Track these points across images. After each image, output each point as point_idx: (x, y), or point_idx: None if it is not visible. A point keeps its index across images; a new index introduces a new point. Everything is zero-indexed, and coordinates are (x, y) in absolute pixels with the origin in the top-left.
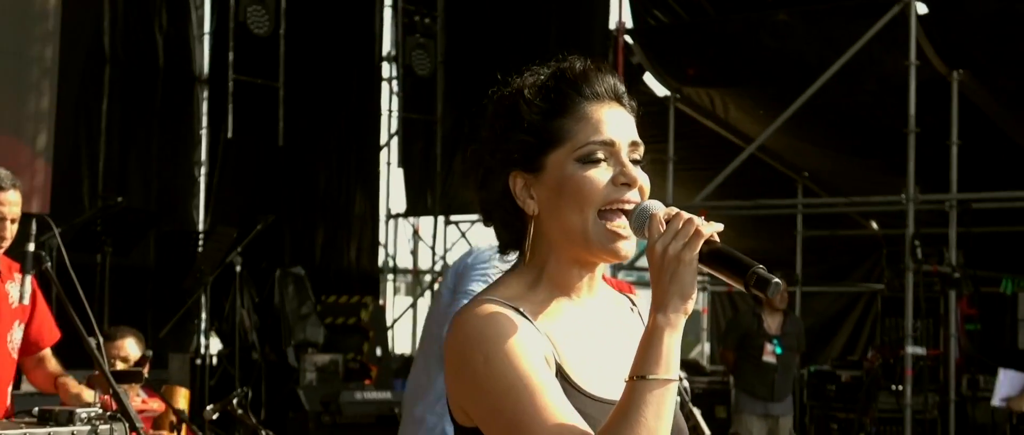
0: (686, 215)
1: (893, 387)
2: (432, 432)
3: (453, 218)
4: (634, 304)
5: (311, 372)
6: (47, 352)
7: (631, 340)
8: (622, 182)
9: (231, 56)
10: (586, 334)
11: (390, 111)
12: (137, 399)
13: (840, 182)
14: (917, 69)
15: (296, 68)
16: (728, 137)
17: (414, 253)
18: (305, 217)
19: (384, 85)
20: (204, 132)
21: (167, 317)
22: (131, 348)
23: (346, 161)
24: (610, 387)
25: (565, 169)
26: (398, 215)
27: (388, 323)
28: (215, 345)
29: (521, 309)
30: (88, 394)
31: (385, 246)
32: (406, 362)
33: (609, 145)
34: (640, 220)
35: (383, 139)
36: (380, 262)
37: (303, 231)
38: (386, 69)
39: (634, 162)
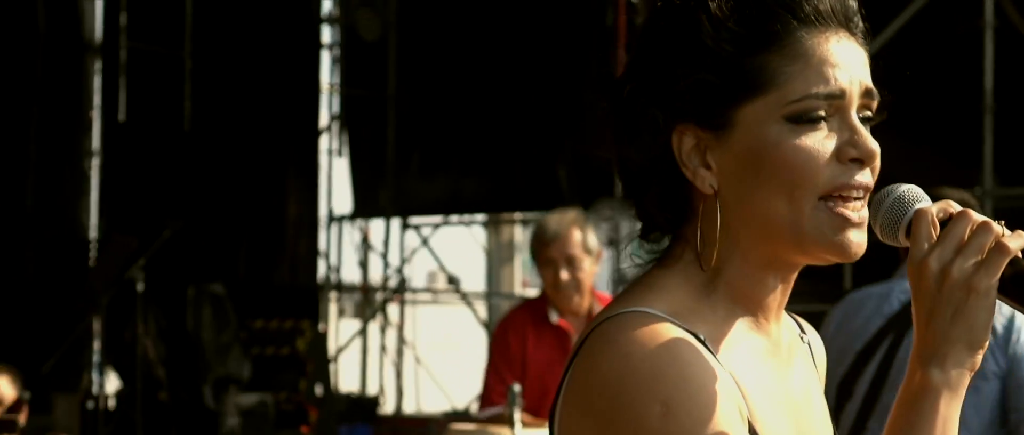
0: (976, 217)
1: None
2: None
3: (412, 221)
4: (803, 330)
5: (233, 417)
6: None
7: (809, 383)
8: (852, 156)
9: (124, 18)
10: (773, 375)
11: (331, 86)
12: None
13: (898, 172)
14: (994, 31)
15: (207, 33)
16: None
17: (363, 265)
18: (225, 222)
19: (323, 54)
20: (97, 113)
21: (51, 349)
22: (4, 389)
23: (275, 150)
24: None
25: (766, 130)
26: (342, 217)
27: (331, 353)
28: (112, 383)
29: (700, 335)
30: None
31: (326, 257)
32: (353, 402)
33: (835, 96)
34: (894, 215)
35: (322, 122)
36: (320, 277)
37: (222, 239)
38: (325, 33)
39: (864, 121)
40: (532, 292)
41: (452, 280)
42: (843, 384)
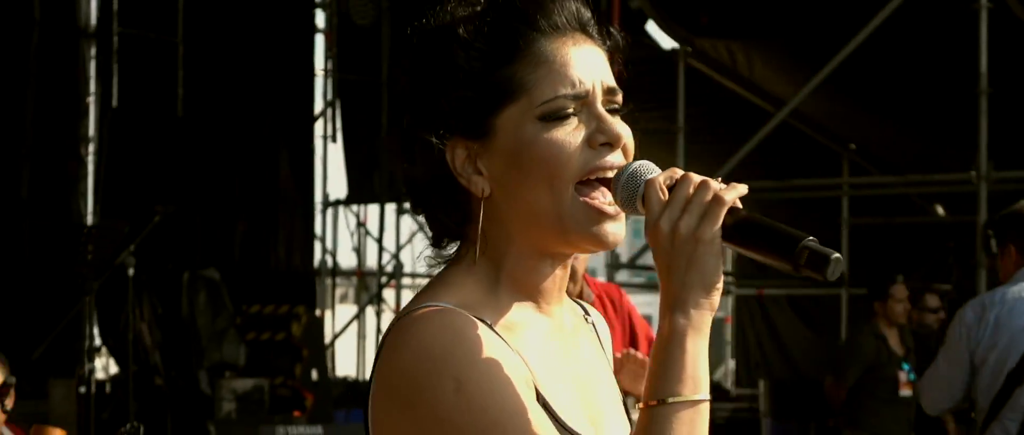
0: (696, 177)
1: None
2: None
3: (407, 206)
4: (587, 313)
5: (229, 401)
6: None
7: (596, 360)
8: (601, 142)
9: (115, 4)
10: (559, 353)
11: (325, 72)
12: None
13: (895, 156)
14: (990, 12)
15: (200, 18)
16: (753, 100)
17: (359, 250)
18: (220, 207)
19: (318, 39)
20: (92, 100)
21: (44, 333)
22: None
23: (270, 136)
24: (584, 422)
25: (523, 132)
26: (338, 202)
27: (327, 339)
28: (109, 369)
29: (487, 321)
30: None
31: (322, 241)
32: (350, 387)
33: (580, 95)
34: (630, 189)
35: (317, 107)
36: (316, 262)
37: (217, 224)
38: (319, 19)
39: (612, 112)
40: None
41: None
42: (1015, 373)
